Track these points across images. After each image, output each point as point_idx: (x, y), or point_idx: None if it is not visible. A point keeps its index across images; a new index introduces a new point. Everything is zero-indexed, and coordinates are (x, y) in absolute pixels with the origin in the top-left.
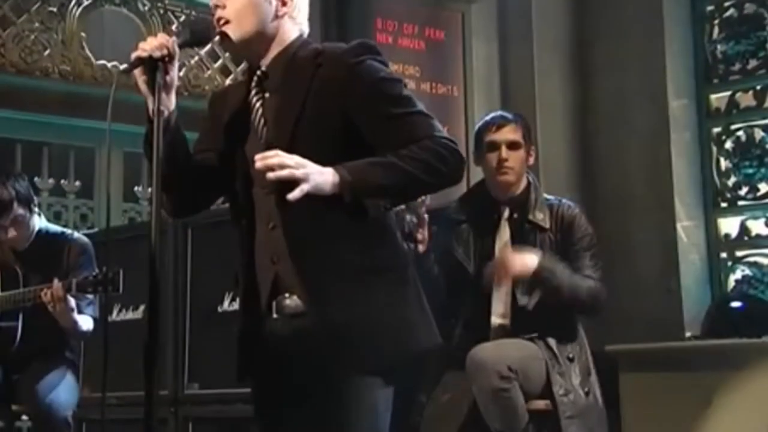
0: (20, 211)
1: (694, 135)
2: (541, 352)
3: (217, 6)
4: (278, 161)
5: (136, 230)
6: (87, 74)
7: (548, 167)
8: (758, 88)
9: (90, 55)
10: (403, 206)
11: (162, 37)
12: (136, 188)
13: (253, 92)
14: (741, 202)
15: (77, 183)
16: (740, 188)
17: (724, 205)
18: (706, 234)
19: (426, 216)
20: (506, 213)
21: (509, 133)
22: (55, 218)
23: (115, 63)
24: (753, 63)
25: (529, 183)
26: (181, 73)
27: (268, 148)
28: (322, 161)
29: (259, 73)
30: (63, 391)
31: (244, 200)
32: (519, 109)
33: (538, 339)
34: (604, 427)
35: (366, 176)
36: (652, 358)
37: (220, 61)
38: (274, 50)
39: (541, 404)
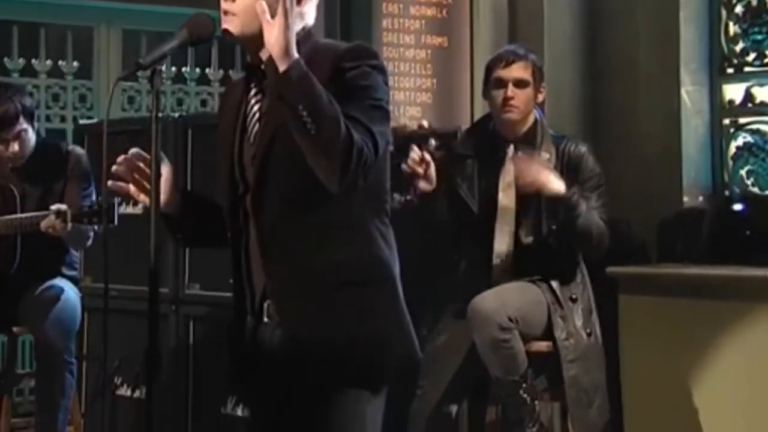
0: (24, 125)
1: None
2: (543, 295)
3: None
4: None
5: (136, 124)
6: None
7: (553, 32)
8: None
9: None
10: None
11: None
12: None
13: (253, 91)
14: (747, 69)
15: (75, 63)
16: (748, 54)
17: (730, 71)
18: (710, 100)
19: (429, 156)
20: (511, 151)
21: (517, 71)
22: (54, 100)
23: None
24: None
25: (536, 121)
26: None
27: (257, 148)
28: (301, 164)
29: (262, 67)
30: (64, 313)
31: (231, 203)
32: None
33: (541, 281)
34: (602, 365)
35: (312, 81)
36: (653, 282)
37: None
38: None
39: (542, 346)
